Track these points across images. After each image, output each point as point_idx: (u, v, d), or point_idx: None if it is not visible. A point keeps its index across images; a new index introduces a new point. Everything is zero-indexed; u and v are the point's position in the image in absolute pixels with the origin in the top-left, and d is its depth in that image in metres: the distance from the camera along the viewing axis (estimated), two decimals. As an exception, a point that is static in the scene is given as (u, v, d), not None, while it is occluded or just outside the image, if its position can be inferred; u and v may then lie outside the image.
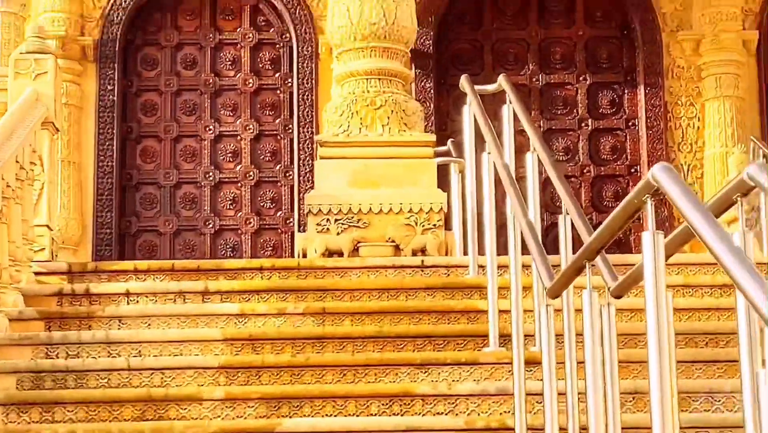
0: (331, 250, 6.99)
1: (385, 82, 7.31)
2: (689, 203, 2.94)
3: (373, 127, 7.20)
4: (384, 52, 7.32)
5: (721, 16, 12.86)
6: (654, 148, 13.01)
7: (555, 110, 13.26)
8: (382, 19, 7.25)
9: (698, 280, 6.64)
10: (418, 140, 7.20)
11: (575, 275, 4.12)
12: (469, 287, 6.49)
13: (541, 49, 13.35)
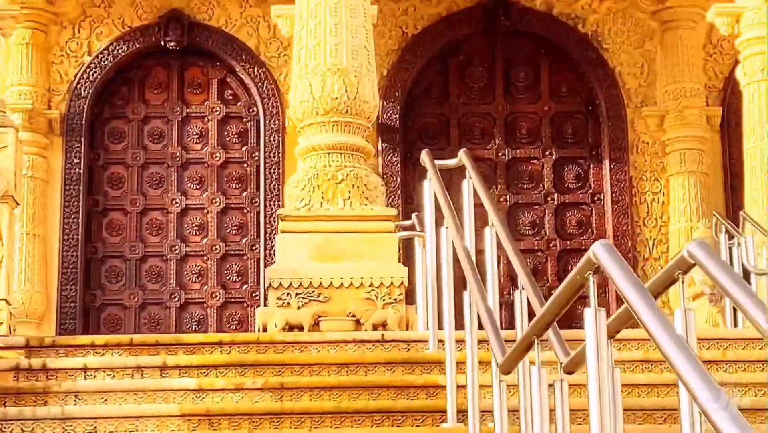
0: (292, 324, 6.96)
1: (347, 156, 7.33)
2: (628, 282, 2.95)
3: (334, 202, 7.21)
4: (346, 126, 7.35)
5: (684, 92, 13.01)
6: (619, 222, 13.07)
7: (521, 185, 13.33)
8: (344, 95, 7.28)
9: (658, 355, 6.61)
10: (380, 214, 7.21)
11: (525, 350, 4.11)
12: (428, 362, 6.46)
13: (507, 124, 13.45)
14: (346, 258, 7.02)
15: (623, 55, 13.38)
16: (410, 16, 13.38)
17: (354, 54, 7.38)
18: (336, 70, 7.31)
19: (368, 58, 7.45)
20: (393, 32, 13.34)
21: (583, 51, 13.40)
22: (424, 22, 13.39)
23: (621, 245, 13.00)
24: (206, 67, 13.30)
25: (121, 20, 13.08)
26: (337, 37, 7.37)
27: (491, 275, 6.14)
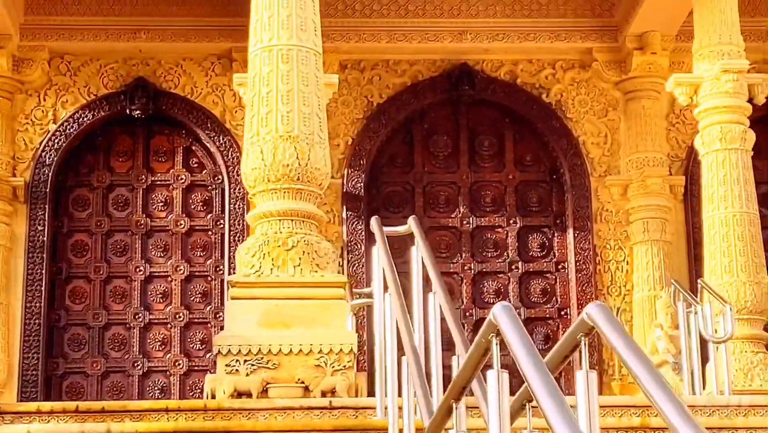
0: (240, 391, 6.92)
1: (298, 223, 7.35)
2: (524, 351, 2.95)
3: (284, 268, 7.21)
4: (297, 193, 7.37)
5: (648, 161, 13.11)
6: (583, 291, 13.09)
7: (486, 253, 13.36)
8: (295, 162, 7.32)
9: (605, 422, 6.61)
10: (330, 281, 7.21)
11: (447, 415, 4.09)
12: (375, 428, 6.43)
13: (471, 192, 13.51)
14: (296, 325, 7.00)
15: (587, 124, 13.49)
16: (375, 85, 13.48)
17: (306, 121, 7.43)
18: (288, 138, 7.35)
19: (320, 126, 7.50)
20: (358, 101, 13.43)
21: (547, 120, 13.50)
22: (389, 91, 13.49)
23: (585, 313, 12.99)
24: (172, 135, 13.35)
25: (86, 88, 13.13)
26: (288, 104, 7.42)
27: (434, 341, 6.14)
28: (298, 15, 7.60)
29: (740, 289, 10.46)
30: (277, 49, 7.53)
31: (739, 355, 10.36)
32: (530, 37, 13.44)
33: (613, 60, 13.41)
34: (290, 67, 7.49)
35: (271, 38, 7.56)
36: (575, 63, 13.61)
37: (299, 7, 7.60)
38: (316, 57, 7.63)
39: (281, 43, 7.53)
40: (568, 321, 13.16)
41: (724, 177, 10.74)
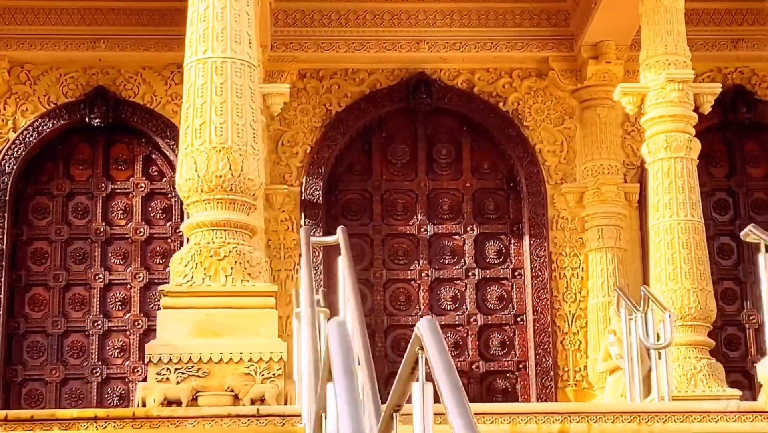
0: (170, 399, 7.03)
1: (231, 233, 7.46)
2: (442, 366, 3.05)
3: (216, 278, 7.32)
4: (230, 204, 7.48)
5: (602, 169, 13.24)
6: (539, 297, 13.21)
7: (443, 260, 13.48)
8: (228, 172, 7.43)
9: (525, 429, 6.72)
10: (261, 291, 7.32)
11: (388, 424, 4.17)
12: (301, 436, 6.54)
13: (429, 200, 13.63)
14: (227, 334, 7.12)
15: (543, 132, 13.62)
16: (334, 94, 13.59)
17: (239, 133, 7.54)
18: (221, 149, 7.46)
19: (254, 137, 7.62)
20: (317, 109, 13.55)
21: (504, 129, 13.63)
22: (348, 100, 13.61)
23: (540, 319, 13.14)
24: (131, 144, 13.45)
25: (46, 97, 13.23)
26: (222, 116, 7.54)
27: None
28: (233, 28, 7.72)
29: (684, 296, 10.59)
30: (211, 62, 7.65)
31: (682, 361, 10.48)
32: (487, 46, 13.57)
33: (569, 69, 13.55)
34: (224, 79, 7.61)
35: (205, 50, 7.68)
36: (532, 72, 13.74)
37: (234, 20, 7.72)
38: (251, 69, 7.75)
39: (215, 55, 7.64)
40: (525, 327, 13.29)
41: (669, 185, 10.86)
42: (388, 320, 13.32)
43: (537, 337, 13.12)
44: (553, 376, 13.06)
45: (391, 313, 13.35)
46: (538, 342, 13.11)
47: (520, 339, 13.30)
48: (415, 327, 3.70)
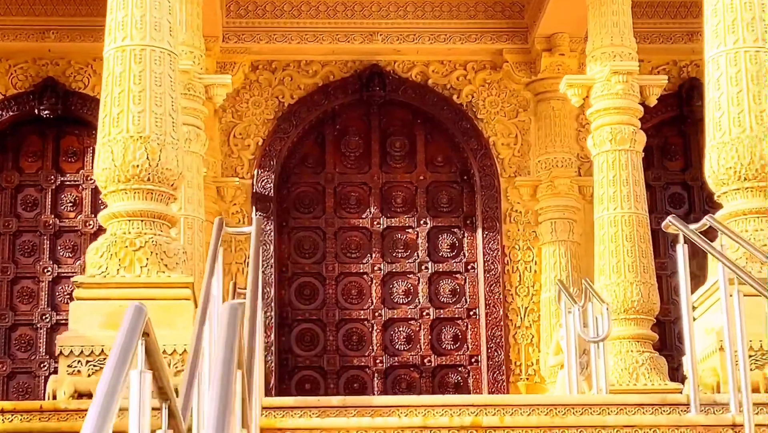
0: (81, 392, 6.92)
1: (148, 223, 7.36)
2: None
3: (131, 269, 7.22)
4: (148, 194, 7.38)
5: (556, 162, 13.14)
6: (491, 291, 13.13)
7: (396, 253, 13.39)
8: (145, 162, 7.33)
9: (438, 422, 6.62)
10: (176, 282, 7.22)
11: None
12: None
13: (382, 193, 13.54)
14: (140, 325, 7.00)
15: (497, 125, 13.53)
16: (287, 86, 13.50)
17: (158, 122, 7.44)
18: (138, 138, 7.36)
19: (173, 126, 7.51)
20: (269, 102, 13.45)
21: (458, 121, 13.54)
22: (301, 92, 13.51)
23: (493, 313, 13.06)
24: (81, 136, 13.34)
25: (-5, 88, 13.12)
26: (140, 105, 7.44)
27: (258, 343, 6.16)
28: (153, 15, 7.61)
29: (627, 289, 10.51)
30: (130, 49, 7.54)
31: (625, 354, 10.40)
32: (441, 38, 13.48)
33: (524, 61, 13.45)
34: (143, 67, 7.51)
35: (124, 38, 7.58)
36: (486, 64, 13.65)
37: (154, 7, 7.61)
38: (171, 57, 7.64)
39: (134, 43, 7.54)
40: (477, 321, 13.20)
41: (613, 178, 10.79)
42: (339, 314, 13.23)
43: (489, 331, 13.03)
44: (505, 370, 12.98)
45: (343, 307, 13.26)
46: (490, 336, 13.03)
47: (473, 333, 13.22)
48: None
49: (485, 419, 6.59)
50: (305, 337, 13.16)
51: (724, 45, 7.77)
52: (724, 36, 7.79)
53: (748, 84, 7.63)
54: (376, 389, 12.99)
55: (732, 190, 7.70)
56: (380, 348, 13.16)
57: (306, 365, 13.12)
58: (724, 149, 7.69)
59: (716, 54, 7.83)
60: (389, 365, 13.13)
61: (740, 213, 7.68)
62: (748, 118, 7.61)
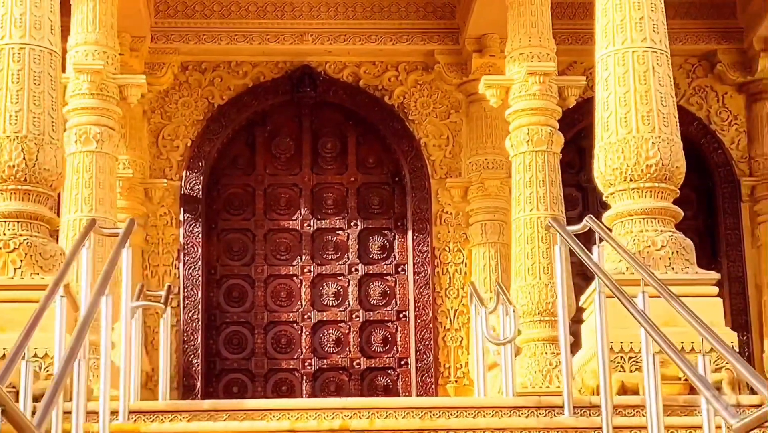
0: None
1: (25, 225, 7.26)
2: None
3: (4, 271, 7.13)
4: (25, 195, 7.29)
5: (487, 163, 13.05)
6: (421, 293, 13.05)
7: (326, 255, 13.31)
8: (22, 162, 7.23)
9: (307, 426, 6.54)
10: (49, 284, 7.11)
11: None
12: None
13: (313, 194, 13.45)
14: (12, 328, 6.91)
15: (429, 126, 13.45)
16: (217, 87, 13.40)
17: (35, 121, 7.35)
18: (15, 138, 7.27)
19: (53, 126, 7.42)
20: (199, 102, 13.35)
21: (390, 122, 13.46)
22: (231, 93, 13.42)
23: (422, 315, 12.98)
24: None
25: None
26: (18, 104, 7.34)
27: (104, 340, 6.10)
28: (33, 13, 7.52)
29: (542, 291, 10.43)
30: (8, 48, 7.45)
31: (539, 357, 10.32)
32: (372, 38, 13.39)
33: (455, 62, 13.36)
34: (21, 66, 7.41)
35: (3, 36, 7.49)
36: (418, 65, 13.57)
37: (34, 5, 7.52)
38: (52, 56, 7.54)
39: (13, 41, 7.45)
40: (407, 323, 13.12)
41: (530, 179, 10.70)
42: (268, 316, 13.14)
43: (418, 333, 12.95)
44: (434, 373, 12.89)
45: (271, 309, 13.17)
46: (419, 338, 12.94)
47: (402, 336, 13.14)
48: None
49: (354, 423, 6.51)
50: (233, 340, 13.07)
51: (612, 45, 7.70)
52: (613, 36, 7.72)
53: (636, 84, 7.55)
54: (305, 392, 12.91)
55: (619, 191, 7.63)
56: (309, 351, 13.07)
57: (234, 368, 13.03)
58: (611, 150, 7.61)
59: (605, 54, 7.76)
60: (318, 368, 13.05)
61: (626, 214, 7.61)
62: (635, 119, 7.54)
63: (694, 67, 13.68)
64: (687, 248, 7.44)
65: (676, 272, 7.36)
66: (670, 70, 7.74)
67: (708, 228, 13.50)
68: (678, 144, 7.61)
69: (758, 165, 13.29)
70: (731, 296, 13.07)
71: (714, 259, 13.32)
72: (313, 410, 6.72)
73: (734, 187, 13.36)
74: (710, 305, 7.25)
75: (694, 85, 13.66)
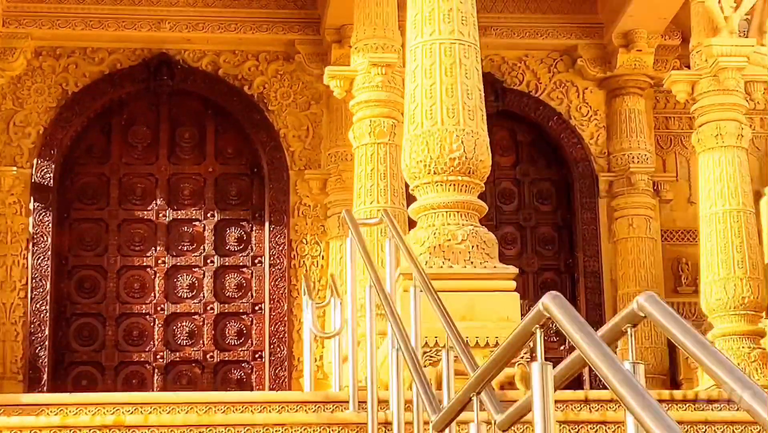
0: None
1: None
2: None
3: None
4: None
5: (345, 155, 12.92)
6: (276, 286, 12.91)
7: (181, 246, 13.11)
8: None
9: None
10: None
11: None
12: None
13: (170, 185, 13.25)
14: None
15: (289, 117, 13.31)
16: (71, 74, 13.14)
17: None
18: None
19: None
20: (52, 89, 13.08)
21: (249, 113, 13.29)
22: (86, 80, 13.16)
23: (277, 308, 12.85)
24: None
25: None
26: None
27: None
28: None
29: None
30: None
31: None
32: (232, 27, 13.21)
33: (316, 52, 13.23)
34: None
35: None
36: (279, 55, 13.41)
37: None
38: None
39: None
40: (262, 316, 12.97)
41: (371, 171, 10.62)
42: (120, 308, 12.92)
43: (273, 326, 12.82)
44: (287, 366, 12.77)
45: (124, 301, 12.94)
46: (273, 331, 12.81)
47: (257, 328, 12.99)
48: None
49: (128, 418, 6.35)
50: (84, 332, 12.83)
51: (421, 36, 7.61)
52: (422, 27, 7.63)
53: (442, 77, 7.47)
54: (156, 386, 12.71)
55: (423, 184, 7.55)
56: (162, 343, 12.87)
57: (84, 360, 12.80)
58: (416, 142, 7.53)
59: (414, 46, 7.66)
60: (170, 361, 12.86)
61: (430, 207, 7.53)
62: (440, 111, 7.46)
63: (556, 61, 13.68)
64: (488, 242, 7.37)
65: (475, 266, 7.30)
66: (478, 63, 7.66)
67: (566, 222, 13.52)
68: (483, 138, 7.54)
69: (616, 161, 13.32)
70: (587, 291, 13.11)
71: (571, 253, 13.35)
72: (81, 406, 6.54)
73: (592, 182, 13.39)
74: (507, 299, 7.20)
75: (555, 80, 13.65)
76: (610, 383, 2.63)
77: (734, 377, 2.56)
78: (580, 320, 2.87)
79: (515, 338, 3.35)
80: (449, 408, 4.07)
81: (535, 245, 13.49)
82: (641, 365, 3.11)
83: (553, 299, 3.01)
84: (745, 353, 9.82)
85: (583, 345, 2.75)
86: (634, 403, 2.50)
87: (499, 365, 3.52)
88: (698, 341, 2.72)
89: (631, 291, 12.79)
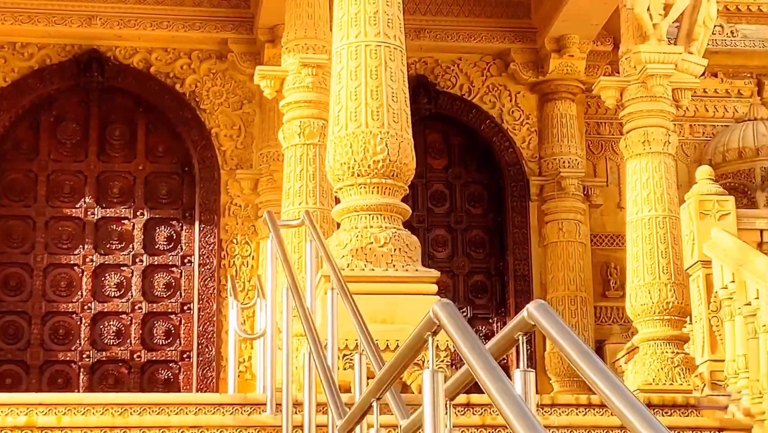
0: None
1: None
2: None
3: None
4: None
5: (277, 155, 12.86)
6: (206, 285, 12.83)
7: (110, 245, 12.98)
8: None
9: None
10: None
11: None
12: None
13: (99, 182, 13.12)
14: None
15: (221, 116, 13.22)
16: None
17: None
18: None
19: None
20: (-20, 84, 12.90)
21: (180, 111, 13.20)
22: (15, 75, 13.00)
23: (206, 308, 12.76)
24: None
25: None
26: None
27: None
28: None
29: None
30: None
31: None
32: (164, 24, 13.11)
33: (249, 52, 13.16)
34: None
35: None
36: (212, 53, 13.33)
37: None
38: None
39: None
40: (191, 316, 12.88)
41: (300, 172, 10.59)
42: (46, 306, 12.76)
43: (201, 326, 12.73)
44: (215, 366, 12.69)
45: (50, 299, 12.79)
46: (202, 331, 12.73)
47: (186, 328, 12.90)
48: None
49: (41, 419, 6.27)
50: (9, 330, 12.66)
51: (346, 38, 7.59)
52: (347, 29, 7.60)
53: (367, 79, 7.45)
54: (82, 385, 12.58)
55: (347, 186, 7.53)
56: (88, 343, 12.74)
57: (8, 359, 12.63)
58: (340, 144, 7.50)
59: (339, 47, 7.64)
60: (96, 360, 12.72)
61: (353, 209, 7.52)
62: (364, 114, 7.44)
63: (489, 65, 13.72)
64: (411, 246, 7.37)
65: (397, 269, 7.29)
66: (404, 66, 7.66)
67: (497, 226, 13.57)
68: (407, 141, 7.53)
69: (547, 165, 13.38)
70: (516, 294, 13.16)
71: (502, 256, 13.40)
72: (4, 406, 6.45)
73: (524, 186, 13.44)
74: (429, 303, 7.16)
75: (488, 84, 13.69)
76: (489, 391, 2.64)
77: (611, 385, 2.57)
78: (467, 328, 2.86)
79: (409, 344, 3.34)
80: (351, 414, 4.06)
81: (466, 248, 13.53)
82: (531, 373, 3.10)
83: (444, 307, 3.01)
84: (668, 358, 9.89)
85: (465, 352, 2.75)
86: (509, 412, 2.51)
87: (397, 370, 3.51)
88: (582, 351, 2.72)
89: (561, 295, 12.87)
